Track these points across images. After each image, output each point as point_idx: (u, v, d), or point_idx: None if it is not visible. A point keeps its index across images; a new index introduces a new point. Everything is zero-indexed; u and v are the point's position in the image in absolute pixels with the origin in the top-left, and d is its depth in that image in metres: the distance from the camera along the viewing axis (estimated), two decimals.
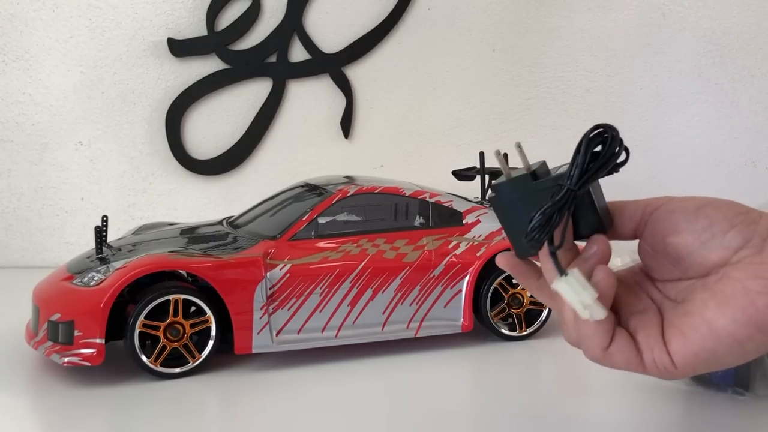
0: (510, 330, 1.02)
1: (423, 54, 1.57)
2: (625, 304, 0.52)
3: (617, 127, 0.49)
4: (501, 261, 0.53)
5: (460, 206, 1.04)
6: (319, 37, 1.54)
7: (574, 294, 0.47)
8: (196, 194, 1.54)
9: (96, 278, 0.88)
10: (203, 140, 1.54)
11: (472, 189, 1.20)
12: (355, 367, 0.92)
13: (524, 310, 1.02)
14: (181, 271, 0.92)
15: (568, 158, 0.50)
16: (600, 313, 0.47)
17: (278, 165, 1.55)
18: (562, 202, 0.47)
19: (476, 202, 1.08)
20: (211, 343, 0.89)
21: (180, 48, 1.49)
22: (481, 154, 1.20)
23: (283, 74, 1.53)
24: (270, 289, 0.91)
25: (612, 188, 0.54)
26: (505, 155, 1.04)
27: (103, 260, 0.92)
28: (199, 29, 1.50)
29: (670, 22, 1.61)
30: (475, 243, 1.00)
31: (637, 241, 0.52)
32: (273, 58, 1.53)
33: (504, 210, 0.51)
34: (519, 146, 0.51)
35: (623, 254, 0.80)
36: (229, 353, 0.91)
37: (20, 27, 1.46)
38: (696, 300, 0.47)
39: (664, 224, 0.49)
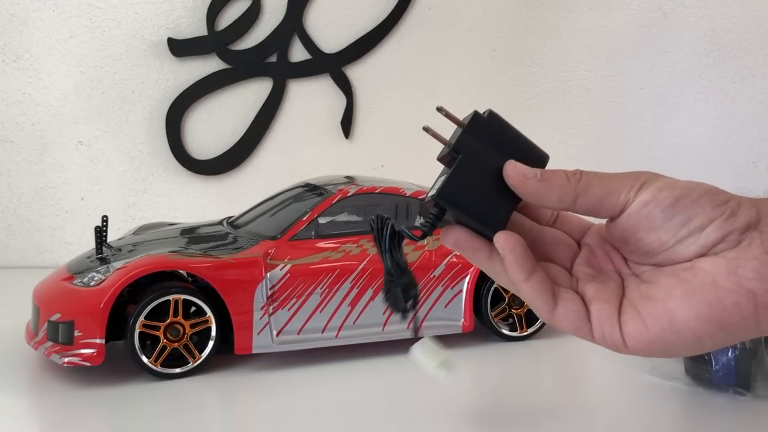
0: (510, 330, 1.02)
1: (423, 54, 1.57)
2: (585, 270, 0.50)
3: (617, 126, 0.49)
4: (452, 236, 0.47)
5: None
6: (319, 37, 1.54)
7: (428, 360, 0.48)
8: (196, 194, 1.54)
9: (96, 278, 0.88)
10: (203, 140, 1.54)
11: None
12: (355, 367, 0.92)
13: (525, 310, 1.02)
14: (181, 271, 0.92)
15: (568, 158, 0.50)
16: (449, 372, 0.48)
17: (278, 165, 1.55)
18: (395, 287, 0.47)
19: None
20: (211, 343, 0.89)
21: (180, 48, 1.49)
22: None
23: (283, 74, 1.53)
24: (270, 289, 0.91)
25: None
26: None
27: (103, 260, 0.92)
28: (200, 29, 1.50)
29: (671, 22, 1.61)
30: None
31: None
32: (273, 58, 1.53)
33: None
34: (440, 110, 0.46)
35: None
36: (229, 353, 0.90)
37: (20, 27, 1.46)
38: (661, 284, 0.45)
39: (637, 217, 0.46)
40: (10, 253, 1.51)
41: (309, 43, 1.53)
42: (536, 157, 0.48)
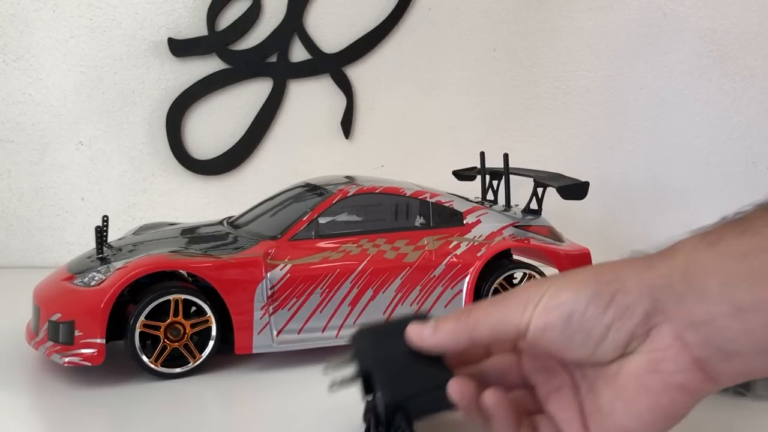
0: None
1: (423, 54, 1.57)
2: (536, 377, 0.52)
3: (617, 126, 0.49)
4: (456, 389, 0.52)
5: (460, 206, 1.04)
6: (319, 37, 1.54)
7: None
8: (197, 194, 1.54)
9: (96, 278, 0.88)
10: (203, 140, 1.54)
11: (472, 189, 1.19)
12: None
13: None
14: (181, 271, 0.92)
15: (569, 158, 0.50)
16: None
17: (278, 165, 1.55)
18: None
19: (477, 203, 1.08)
20: (211, 343, 0.89)
21: (180, 48, 1.49)
22: (482, 154, 1.20)
23: (283, 74, 1.53)
24: (270, 289, 0.91)
25: (614, 189, 0.54)
26: (506, 155, 1.03)
27: (104, 260, 0.92)
28: (200, 29, 1.50)
29: (671, 22, 1.61)
30: (476, 243, 1.00)
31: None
32: (273, 58, 1.53)
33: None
34: None
35: None
36: (229, 353, 0.90)
37: (21, 27, 1.46)
38: (604, 398, 0.47)
39: (543, 342, 0.47)
40: (10, 253, 1.51)
41: (309, 43, 1.53)
42: (420, 317, 0.53)
